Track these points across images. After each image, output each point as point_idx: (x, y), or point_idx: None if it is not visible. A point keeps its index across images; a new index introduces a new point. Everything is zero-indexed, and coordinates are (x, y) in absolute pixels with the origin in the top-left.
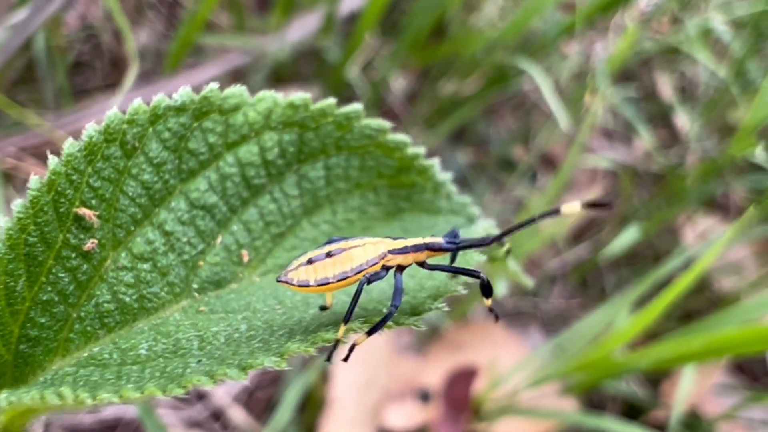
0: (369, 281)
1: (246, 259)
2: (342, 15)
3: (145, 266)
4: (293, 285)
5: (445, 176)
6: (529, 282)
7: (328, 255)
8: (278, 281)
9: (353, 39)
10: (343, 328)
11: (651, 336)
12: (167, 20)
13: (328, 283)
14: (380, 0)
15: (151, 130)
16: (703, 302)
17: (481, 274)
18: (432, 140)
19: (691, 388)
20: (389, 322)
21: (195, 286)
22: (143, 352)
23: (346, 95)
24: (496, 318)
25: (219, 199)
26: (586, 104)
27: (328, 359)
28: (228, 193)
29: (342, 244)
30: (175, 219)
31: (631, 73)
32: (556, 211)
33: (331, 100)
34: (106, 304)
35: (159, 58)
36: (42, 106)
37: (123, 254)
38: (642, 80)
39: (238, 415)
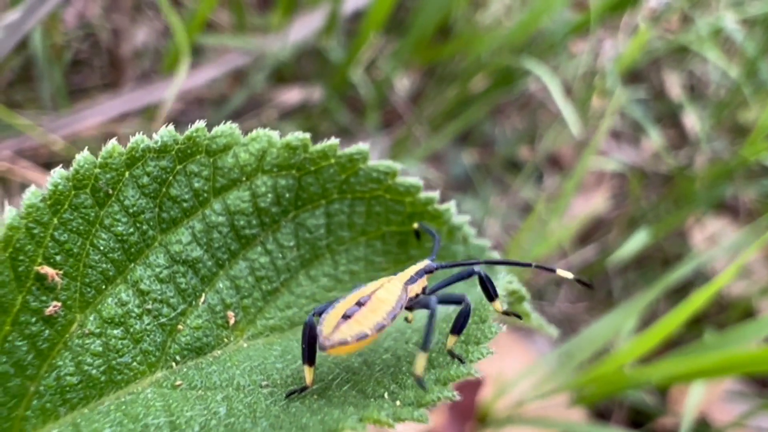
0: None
1: (232, 321)
2: (346, 13)
3: (116, 332)
4: (335, 348)
5: (461, 219)
6: (554, 332)
7: (359, 304)
8: (324, 349)
9: (358, 39)
10: (423, 357)
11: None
12: (167, 19)
13: (366, 337)
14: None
15: (127, 174)
16: (712, 306)
17: (478, 271)
18: (437, 142)
19: (701, 396)
20: (386, 419)
21: (173, 353)
22: None
23: (349, 95)
24: (518, 317)
25: (204, 252)
26: (595, 107)
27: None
28: (214, 245)
29: (364, 290)
30: (152, 276)
31: (639, 72)
32: (552, 270)
33: (333, 141)
34: (68, 377)
35: (158, 57)
36: (39, 106)
37: (91, 317)
38: (650, 79)
39: None
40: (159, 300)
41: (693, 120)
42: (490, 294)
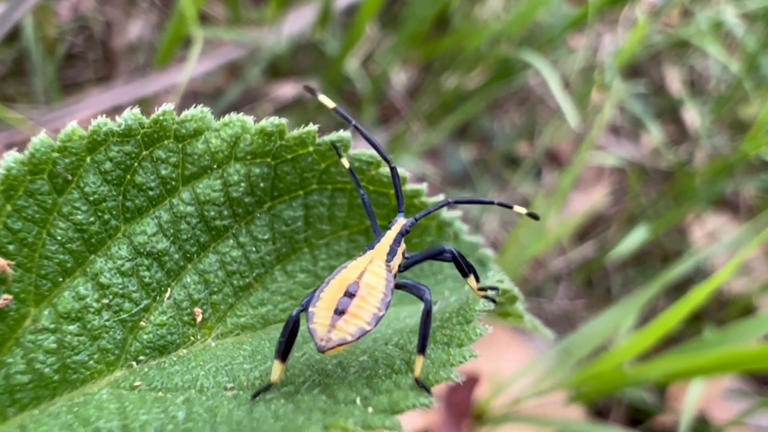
0: None
1: (200, 318)
2: (340, 6)
3: (72, 327)
4: (334, 349)
5: (452, 214)
6: (549, 334)
7: (349, 295)
8: (324, 351)
9: (352, 31)
10: (421, 360)
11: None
12: (161, 11)
13: (366, 333)
14: None
15: (88, 159)
16: (711, 303)
17: (449, 249)
18: (434, 137)
19: (700, 394)
20: (354, 426)
21: (133, 352)
22: None
23: (346, 89)
24: (493, 302)
25: (170, 244)
26: (594, 101)
27: None
28: (182, 236)
29: (347, 275)
30: (114, 269)
31: (639, 67)
32: (509, 206)
33: (312, 127)
34: (19, 376)
35: (153, 50)
36: (32, 100)
37: (46, 312)
38: (650, 74)
39: None
40: (120, 294)
41: (693, 115)
42: (463, 269)
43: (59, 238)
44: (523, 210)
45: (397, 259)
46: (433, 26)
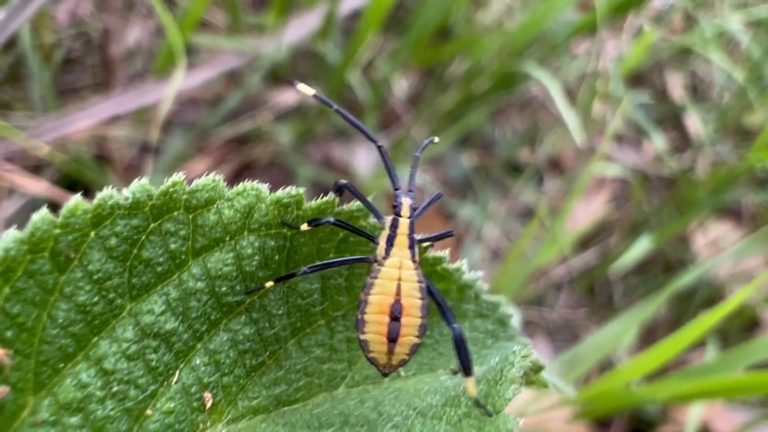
0: None
1: (209, 403)
2: (343, 14)
3: (74, 420)
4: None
5: (473, 276)
6: (570, 391)
7: (394, 318)
8: (387, 375)
9: (355, 41)
10: (472, 381)
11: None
12: (160, 19)
13: (418, 348)
14: (384, 1)
15: (92, 235)
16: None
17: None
18: (436, 145)
19: (703, 406)
20: None
21: None
22: None
23: (346, 96)
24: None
25: (179, 323)
26: (597, 112)
27: None
28: (191, 315)
29: (384, 288)
30: (119, 353)
31: (641, 72)
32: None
33: (330, 197)
34: None
35: (151, 57)
36: (29, 107)
37: (45, 402)
38: (652, 80)
39: None
40: (125, 380)
41: (695, 121)
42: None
43: (61, 320)
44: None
45: (418, 251)
46: (435, 34)
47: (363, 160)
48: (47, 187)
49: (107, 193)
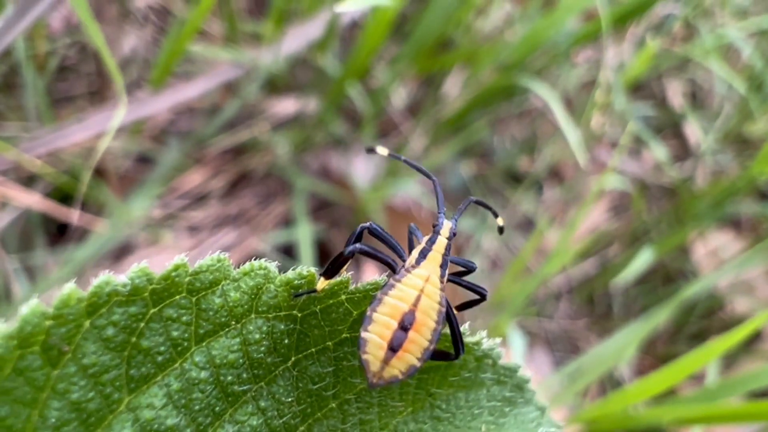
0: None
1: None
2: (342, 26)
3: None
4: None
5: (490, 345)
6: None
7: (402, 327)
8: (373, 388)
9: (354, 56)
10: None
11: (661, 359)
12: (156, 27)
13: (415, 371)
14: (386, 15)
15: (87, 325)
16: (716, 323)
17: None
18: (435, 155)
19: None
20: None
21: None
22: None
23: (345, 105)
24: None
25: (181, 417)
26: (597, 122)
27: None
28: (194, 407)
29: (402, 295)
30: None
31: (641, 81)
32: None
33: (345, 277)
34: None
35: (147, 66)
36: (23, 117)
37: None
38: (651, 87)
39: None
40: None
41: (696, 131)
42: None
43: (53, 420)
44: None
45: (447, 272)
46: (436, 42)
47: (361, 170)
48: (40, 200)
49: (103, 279)
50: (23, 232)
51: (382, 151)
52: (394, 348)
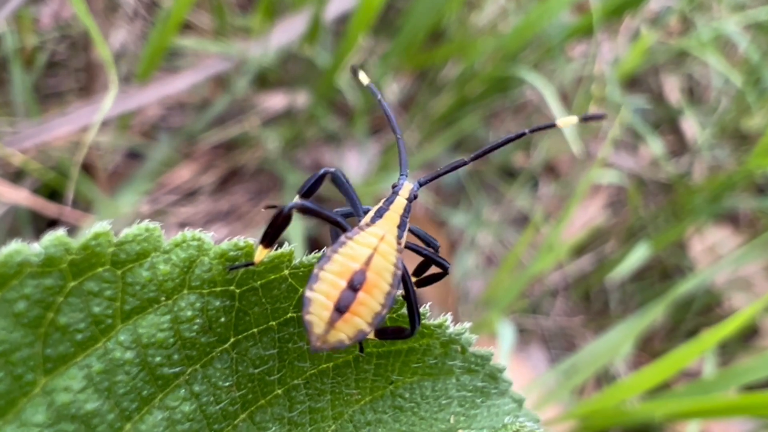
0: None
1: None
2: (330, 17)
3: None
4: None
5: (458, 329)
6: None
7: (351, 287)
8: (316, 351)
9: (343, 46)
10: None
11: (658, 357)
12: (145, 21)
13: (365, 336)
14: (373, 2)
15: None
16: (713, 320)
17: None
18: (429, 150)
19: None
20: None
21: None
22: None
23: (336, 100)
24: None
25: (103, 401)
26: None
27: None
28: (118, 391)
29: (353, 252)
30: None
31: (637, 75)
32: (552, 125)
33: (286, 249)
34: None
35: (136, 61)
36: (9, 112)
37: None
38: (648, 82)
39: None
40: None
41: (693, 126)
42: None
43: None
44: (573, 119)
45: (405, 235)
46: (428, 37)
47: (353, 165)
48: (27, 196)
49: (14, 248)
50: (12, 228)
51: (364, 78)
52: (340, 309)
